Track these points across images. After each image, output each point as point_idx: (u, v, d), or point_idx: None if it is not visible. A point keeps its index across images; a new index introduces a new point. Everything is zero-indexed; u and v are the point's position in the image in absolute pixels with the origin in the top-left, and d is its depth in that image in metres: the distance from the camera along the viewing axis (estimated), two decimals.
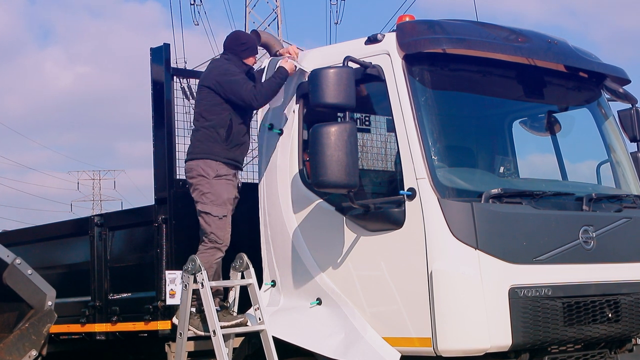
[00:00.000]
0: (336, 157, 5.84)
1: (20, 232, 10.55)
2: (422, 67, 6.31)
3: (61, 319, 7.03)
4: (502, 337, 5.86)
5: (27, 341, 6.36)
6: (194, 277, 6.59)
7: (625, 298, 6.47)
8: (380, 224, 6.23)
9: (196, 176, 6.90)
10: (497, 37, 6.63)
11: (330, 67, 6.04)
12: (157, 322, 7.41)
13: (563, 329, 6.10)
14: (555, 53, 6.82)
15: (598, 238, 6.40)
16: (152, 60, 7.67)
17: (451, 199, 6.01)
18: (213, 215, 6.80)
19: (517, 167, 7.39)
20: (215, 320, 6.46)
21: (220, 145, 6.91)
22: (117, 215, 9.28)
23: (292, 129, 6.82)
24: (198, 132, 7.01)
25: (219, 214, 6.82)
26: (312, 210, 6.62)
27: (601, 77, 7.24)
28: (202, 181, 6.86)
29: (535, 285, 6.01)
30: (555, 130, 7.36)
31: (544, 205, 6.31)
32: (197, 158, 6.93)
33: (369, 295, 6.29)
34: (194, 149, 7.01)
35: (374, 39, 6.42)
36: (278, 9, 38.67)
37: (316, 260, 6.58)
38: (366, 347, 6.14)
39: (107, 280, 8.04)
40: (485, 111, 7.32)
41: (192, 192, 6.97)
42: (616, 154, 7.31)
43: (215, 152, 6.90)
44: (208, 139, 6.92)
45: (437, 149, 6.20)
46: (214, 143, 6.91)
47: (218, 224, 6.82)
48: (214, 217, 6.81)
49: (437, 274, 5.87)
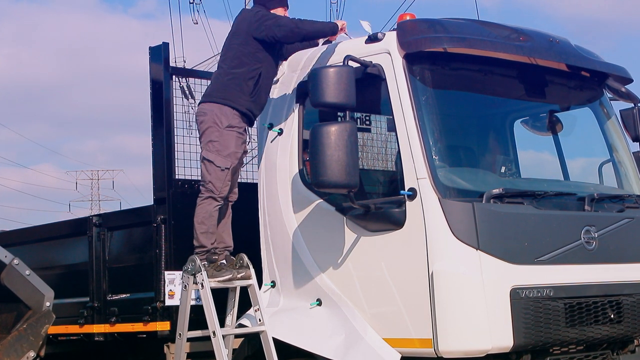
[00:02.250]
0: (336, 157, 5.81)
1: (18, 232, 10.53)
2: (422, 66, 6.29)
3: (59, 319, 7.04)
4: (504, 338, 5.83)
5: (25, 342, 6.35)
6: (193, 277, 6.55)
7: (627, 299, 6.44)
8: (380, 224, 6.20)
9: (207, 121, 6.75)
10: (499, 36, 6.61)
11: (330, 66, 6.02)
12: (156, 323, 7.38)
13: (565, 330, 6.08)
14: (557, 52, 6.80)
15: (600, 238, 6.38)
16: (151, 59, 7.64)
17: (452, 199, 5.98)
18: (216, 165, 6.70)
19: (518, 167, 7.36)
20: (215, 321, 6.43)
21: (244, 96, 6.78)
22: (116, 215, 9.26)
23: (292, 128, 6.80)
24: (224, 76, 6.83)
25: (222, 165, 6.71)
26: (312, 210, 6.59)
27: (603, 76, 7.21)
28: (213, 128, 6.74)
29: (536, 285, 5.98)
30: (557, 129, 7.34)
31: (545, 205, 6.28)
32: (215, 102, 6.78)
33: (370, 296, 6.27)
34: (215, 92, 6.84)
35: (375, 38, 6.40)
36: None
37: (316, 260, 6.55)
38: (366, 348, 6.12)
39: (105, 281, 8.01)
40: (487, 110, 7.30)
41: (199, 135, 6.85)
42: (618, 154, 7.29)
43: (236, 101, 6.76)
44: (233, 86, 6.77)
45: (438, 148, 6.17)
46: (238, 92, 6.77)
47: (219, 175, 6.71)
48: (216, 167, 6.70)
49: (438, 275, 5.85)
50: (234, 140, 6.78)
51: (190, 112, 9.15)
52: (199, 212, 6.71)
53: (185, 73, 8.52)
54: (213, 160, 6.71)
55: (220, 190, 6.73)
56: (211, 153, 6.72)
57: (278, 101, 6.97)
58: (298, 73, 6.86)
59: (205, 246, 6.72)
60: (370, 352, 6.09)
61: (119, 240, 8.15)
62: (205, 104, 6.84)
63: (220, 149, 6.72)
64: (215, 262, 6.73)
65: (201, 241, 6.72)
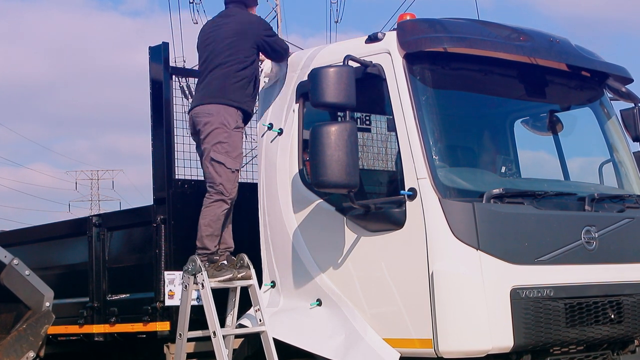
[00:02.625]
0: (336, 157, 5.81)
1: (18, 232, 10.52)
2: (423, 66, 6.28)
3: (59, 320, 7.03)
4: (504, 338, 5.82)
5: (24, 342, 6.35)
6: (194, 277, 6.54)
7: (627, 299, 6.44)
8: (380, 224, 6.20)
9: (214, 122, 6.71)
10: (499, 36, 6.60)
11: (330, 66, 6.00)
12: (155, 324, 7.36)
13: (565, 330, 6.07)
14: (557, 52, 6.79)
15: (600, 238, 6.37)
16: (151, 59, 7.62)
17: (452, 199, 5.98)
18: (226, 167, 6.67)
19: (518, 167, 7.36)
20: (215, 321, 6.41)
21: (248, 97, 6.84)
22: (116, 215, 9.25)
23: (291, 128, 6.79)
24: (231, 78, 6.80)
25: (232, 166, 6.69)
26: (312, 210, 6.58)
27: (604, 76, 7.21)
28: (221, 129, 6.71)
29: (537, 286, 5.98)
30: (557, 129, 7.33)
31: (545, 205, 6.28)
32: (220, 103, 6.76)
33: (370, 296, 6.26)
34: (220, 92, 6.79)
35: (375, 38, 6.39)
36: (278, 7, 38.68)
37: (316, 260, 6.54)
38: (366, 349, 6.11)
39: (105, 281, 8.00)
40: (487, 110, 7.29)
41: (203, 136, 6.77)
42: (619, 154, 7.29)
43: (244, 102, 6.80)
44: (239, 88, 6.79)
45: (438, 148, 6.17)
46: (244, 93, 6.80)
47: (229, 177, 6.69)
48: (226, 169, 6.67)
49: (438, 275, 5.84)
50: (240, 140, 6.82)
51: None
52: (207, 214, 6.68)
53: (185, 73, 8.50)
54: (223, 162, 6.68)
55: (230, 192, 6.71)
56: (221, 155, 6.69)
57: (278, 101, 6.96)
58: (298, 73, 6.85)
59: (208, 249, 6.71)
60: (370, 352, 6.08)
61: (118, 240, 8.13)
62: (211, 105, 6.80)
63: (230, 150, 6.71)
64: (215, 262, 6.72)
65: (205, 243, 6.70)
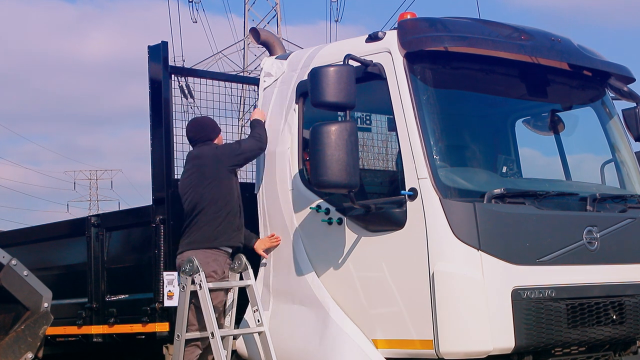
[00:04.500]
0: (336, 157, 5.79)
1: (16, 232, 10.51)
2: (423, 65, 6.26)
3: (57, 320, 7.00)
4: (505, 339, 5.81)
5: (23, 343, 6.33)
6: (191, 278, 6.50)
7: (629, 299, 6.42)
8: (381, 224, 6.18)
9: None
10: (500, 35, 6.58)
11: (330, 66, 5.99)
12: (154, 324, 7.35)
13: (567, 331, 6.06)
14: (558, 51, 6.77)
15: (602, 239, 6.35)
16: (150, 58, 7.60)
17: (453, 199, 5.96)
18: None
19: (519, 167, 7.34)
20: (213, 322, 6.38)
21: (234, 232, 6.67)
22: (114, 215, 9.25)
23: (292, 128, 6.75)
24: (213, 220, 6.58)
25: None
26: (312, 210, 6.54)
27: (605, 76, 7.19)
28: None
29: (538, 286, 5.96)
30: (558, 129, 7.32)
31: (547, 205, 6.26)
32: (207, 247, 6.58)
33: (370, 296, 6.24)
34: (202, 237, 6.59)
35: (375, 37, 6.36)
36: (278, 6, 38.76)
37: (316, 261, 6.52)
38: (354, 351, 6.10)
39: (104, 282, 7.99)
40: (488, 110, 7.28)
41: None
42: (620, 154, 7.27)
43: (229, 241, 6.64)
44: (226, 227, 6.62)
45: (439, 148, 6.15)
46: (228, 231, 6.63)
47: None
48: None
49: (439, 275, 5.82)
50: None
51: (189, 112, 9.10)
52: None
53: (184, 72, 8.47)
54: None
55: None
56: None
57: (278, 101, 6.93)
58: (298, 72, 6.83)
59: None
60: (358, 354, 6.08)
61: (117, 240, 8.12)
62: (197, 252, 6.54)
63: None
64: None
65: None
